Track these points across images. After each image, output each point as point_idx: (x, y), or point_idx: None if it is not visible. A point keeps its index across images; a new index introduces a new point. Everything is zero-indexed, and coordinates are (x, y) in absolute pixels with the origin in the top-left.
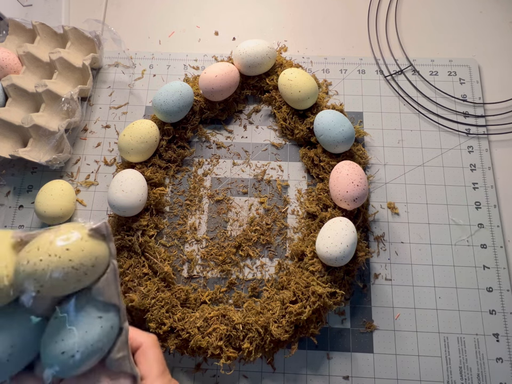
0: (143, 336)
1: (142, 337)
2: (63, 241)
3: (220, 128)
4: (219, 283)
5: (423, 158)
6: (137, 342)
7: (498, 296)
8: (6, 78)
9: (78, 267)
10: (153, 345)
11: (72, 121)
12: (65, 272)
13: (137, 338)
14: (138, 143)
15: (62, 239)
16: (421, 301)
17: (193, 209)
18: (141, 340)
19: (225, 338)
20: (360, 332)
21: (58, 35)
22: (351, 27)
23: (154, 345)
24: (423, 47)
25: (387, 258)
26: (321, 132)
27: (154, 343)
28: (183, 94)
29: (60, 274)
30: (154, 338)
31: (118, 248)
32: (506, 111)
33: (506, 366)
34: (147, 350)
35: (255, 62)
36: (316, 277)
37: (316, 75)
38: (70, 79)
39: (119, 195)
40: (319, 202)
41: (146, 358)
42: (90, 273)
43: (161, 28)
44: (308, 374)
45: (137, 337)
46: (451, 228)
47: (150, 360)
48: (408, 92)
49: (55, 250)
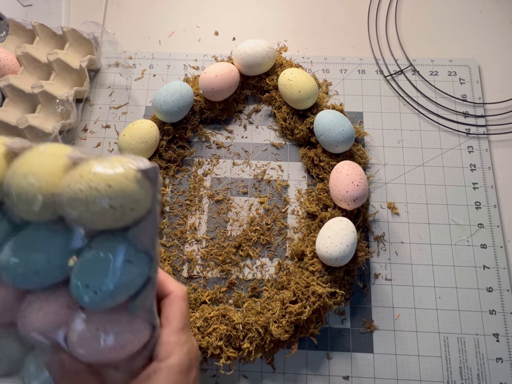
0: (173, 285)
1: (173, 286)
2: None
3: (219, 128)
4: (219, 283)
5: (423, 158)
6: (167, 290)
7: (498, 296)
8: (4, 78)
9: (117, 207)
10: (181, 297)
11: (67, 123)
12: (102, 208)
13: (167, 286)
14: (138, 143)
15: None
16: (421, 301)
17: (193, 209)
18: (171, 288)
19: (225, 338)
20: (360, 331)
21: (57, 36)
22: (351, 27)
23: (182, 298)
24: (423, 47)
25: (387, 258)
26: (321, 132)
27: (183, 296)
28: (183, 94)
29: (97, 209)
30: (184, 290)
31: None
32: (506, 111)
33: (506, 366)
34: (174, 300)
35: (255, 62)
36: (316, 277)
37: (316, 75)
38: (67, 81)
39: None
40: (319, 202)
41: (171, 309)
42: (128, 216)
43: (161, 28)
44: (308, 374)
45: (168, 285)
46: (451, 227)
47: (174, 312)
48: (408, 92)
49: (97, 183)
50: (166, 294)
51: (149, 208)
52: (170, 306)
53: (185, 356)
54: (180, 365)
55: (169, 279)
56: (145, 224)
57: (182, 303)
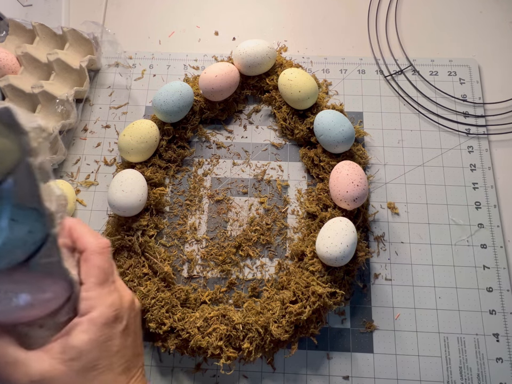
0: (89, 240)
1: (88, 241)
2: None
3: (220, 128)
4: (219, 283)
5: (423, 158)
6: (82, 246)
7: (498, 296)
8: (4, 78)
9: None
10: (96, 252)
11: (67, 123)
12: None
13: (83, 242)
14: (138, 143)
15: None
16: (421, 301)
17: (193, 209)
18: (86, 244)
19: (225, 338)
20: (360, 331)
21: (57, 36)
22: (351, 27)
23: (98, 252)
24: (423, 47)
25: (387, 258)
26: (321, 132)
27: (99, 250)
28: (183, 94)
29: None
30: (101, 244)
31: (118, 248)
32: (506, 111)
33: (506, 366)
34: (89, 255)
35: (255, 62)
36: (316, 277)
37: (316, 75)
38: (67, 81)
39: (119, 195)
40: (319, 202)
41: (87, 265)
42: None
43: (161, 28)
44: (308, 374)
45: (83, 241)
46: (451, 227)
47: (90, 268)
48: (408, 92)
49: None
50: (83, 250)
51: (17, 158)
52: (86, 263)
53: (107, 308)
54: (101, 316)
55: (86, 234)
56: (18, 178)
57: (97, 257)
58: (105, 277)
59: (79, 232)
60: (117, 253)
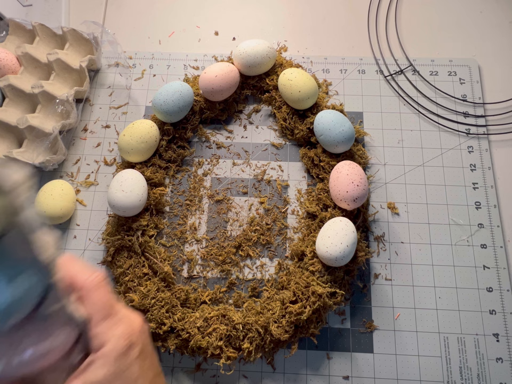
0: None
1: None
2: None
3: (219, 128)
4: (219, 283)
5: (423, 158)
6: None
7: (498, 296)
8: (4, 78)
9: None
10: (94, 287)
11: (67, 123)
12: None
13: (79, 281)
14: (138, 143)
15: None
16: (421, 301)
17: (193, 209)
18: (83, 282)
19: (225, 338)
20: (360, 331)
21: (57, 36)
22: (351, 27)
23: (95, 287)
24: (423, 47)
25: (387, 258)
26: (321, 132)
27: (96, 285)
28: (183, 94)
29: None
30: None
31: (118, 248)
32: (506, 111)
33: (506, 366)
34: (88, 293)
35: (255, 62)
36: (316, 277)
37: (316, 75)
38: (67, 81)
39: (119, 195)
40: (319, 202)
41: (88, 302)
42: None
43: (161, 28)
44: (308, 374)
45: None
46: (451, 227)
47: (91, 304)
48: (408, 92)
49: None
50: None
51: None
52: (87, 300)
53: (119, 339)
54: (114, 349)
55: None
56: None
57: (97, 293)
58: (109, 309)
59: (73, 270)
60: (117, 253)
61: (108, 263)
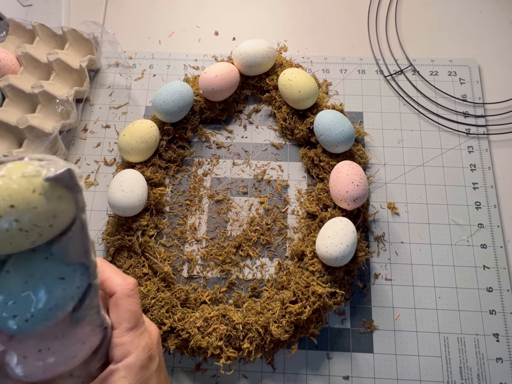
0: (117, 282)
1: (116, 284)
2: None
3: (219, 128)
4: (219, 283)
5: (423, 158)
6: (111, 290)
7: (498, 296)
8: (4, 78)
9: (29, 228)
10: (126, 295)
11: (67, 123)
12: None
13: (110, 286)
14: (138, 143)
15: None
16: (421, 301)
17: (193, 209)
18: (115, 287)
19: (225, 338)
20: (360, 331)
21: (57, 36)
22: (351, 27)
23: (127, 295)
24: (423, 47)
25: (387, 258)
26: (321, 132)
27: (128, 293)
28: (183, 94)
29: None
30: (129, 285)
31: (118, 248)
32: (506, 111)
33: (506, 366)
34: (119, 300)
35: (255, 62)
36: (316, 277)
37: (316, 75)
38: (67, 81)
39: (119, 195)
40: (319, 202)
41: (117, 310)
42: (47, 233)
43: (161, 28)
44: (308, 374)
45: (111, 284)
46: (451, 227)
47: (121, 313)
48: (408, 92)
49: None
50: (111, 294)
51: (72, 217)
52: (116, 307)
53: (142, 351)
54: (138, 361)
55: (113, 276)
56: (71, 236)
57: (128, 301)
58: (137, 320)
59: (107, 274)
60: (117, 253)
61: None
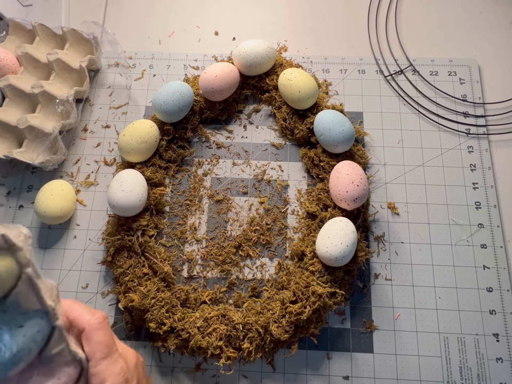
0: (86, 319)
1: (85, 320)
2: None
3: (219, 128)
4: (219, 283)
5: (423, 158)
6: (81, 326)
7: (498, 296)
8: (4, 78)
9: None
10: (95, 328)
11: (67, 123)
12: None
13: (80, 323)
14: (138, 143)
15: None
16: (421, 301)
17: (193, 209)
18: (83, 324)
19: (225, 338)
20: (360, 331)
21: (57, 36)
22: (351, 27)
23: (96, 329)
24: (423, 47)
25: (387, 258)
26: (321, 132)
27: (97, 326)
28: (183, 94)
29: None
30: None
31: (118, 248)
32: (506, 111)
33: (506, 366)
34: (89, 334)
35: (255, 62)
36: (316, 277)
37: (316, 75)
38: (67, 81)
39: (119, 195)
40: (319, 202)
41: (89, 343)
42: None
43: (161, 28)
44: (308, 374)
45: (80, 322)
46: (451, 227)
47: (92, 344)
48: (408, 92)
49: None
50: (81, 330)
51: (16, 275)
52: (88, 341)
53: (117, 376)
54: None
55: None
56: (20, 290)
57: (97, 333)
58: (109, 349)
59: (75, 312)
60: (117, 253)
61: (108, 263)
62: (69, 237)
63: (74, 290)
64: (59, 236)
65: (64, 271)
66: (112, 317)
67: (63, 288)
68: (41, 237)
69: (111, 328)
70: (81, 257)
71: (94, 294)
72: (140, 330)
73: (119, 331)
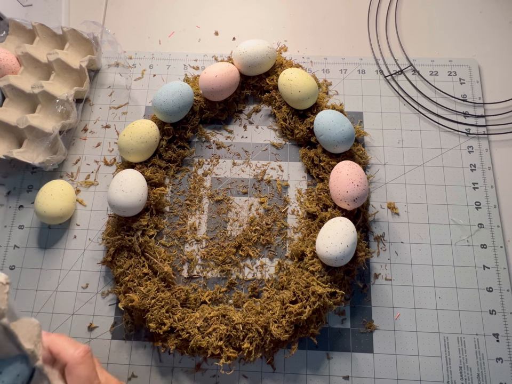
0: (69, 353)
1: (67, 354)
2: None
3: (219, 128)
4: (219, 283)
5: (423, 158)
6: (63, 360)
7: (498, 296)
8: (4, 78)
9: None
10: (77, 363)
11: (67, 123)
12: None
13: (63, 357)
14: (138, 143)
15: None
16: (421, 301)
17: (193, 209)
18: (66, 358)
19: (225, 338)
20: (360, 331)
21: (57, 36)
22: (351, 27)
23: (78, 363)
24: (423, 47)
25: (387, 258)
26: (321, 132)
27: (79, 360)
28: (183, 94)
29: None
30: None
31: (118, 248)
32: (506, 111)
33: (506, 366)
34: (71, 369)
35: (255, 62)
36: (316, 277)
37: (316, 75)
38: (67, 81)
39: (119, 195)
40: (319, 202)
41: (72, 377)
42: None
43: (161, 28)
44: (308, 374)
45: (63, 356)
46: (451, 228)
47: (74, 379)
48: (408, 92)
49: None
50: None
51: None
52: (71, 375)
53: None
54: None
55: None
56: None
57: (79, 367)
58: (90, 382)
59: (58, 346)
60: (117, 253)
61: (108, 263)
62: (69, 237)
63: (74, 290)
64: (59, 236)
65: (64, 271)
66: (112, 317)
67: (63, 288)
68: (41, 237)
69: (111, 328)
70: (81, 257)
71: (94, 294)
72: (140, 330)
73: (119, 331)
